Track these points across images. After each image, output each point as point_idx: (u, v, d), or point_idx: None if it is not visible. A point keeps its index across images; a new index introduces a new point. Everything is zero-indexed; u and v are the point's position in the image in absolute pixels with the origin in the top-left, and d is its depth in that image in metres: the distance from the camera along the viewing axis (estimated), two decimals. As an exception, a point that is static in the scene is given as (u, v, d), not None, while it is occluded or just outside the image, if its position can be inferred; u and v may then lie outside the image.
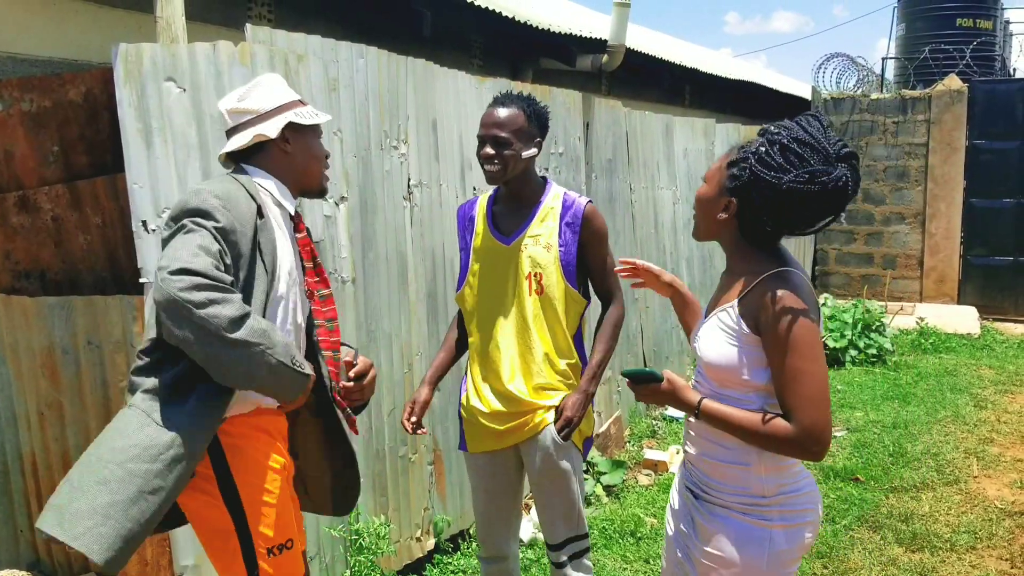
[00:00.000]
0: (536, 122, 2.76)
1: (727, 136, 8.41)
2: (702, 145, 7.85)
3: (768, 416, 1.96)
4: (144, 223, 2.83)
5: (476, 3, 5.97)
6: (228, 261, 2.03)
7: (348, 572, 3.52)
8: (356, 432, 2.50)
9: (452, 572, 4.00)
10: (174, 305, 1.89)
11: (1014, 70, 14.52)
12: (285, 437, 2.36)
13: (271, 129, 2.23)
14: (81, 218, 3.08)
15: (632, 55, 8.27)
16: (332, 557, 3.51)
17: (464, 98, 4.31)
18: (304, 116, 2.27)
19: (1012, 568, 4.08)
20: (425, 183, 4.03)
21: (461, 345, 3.03)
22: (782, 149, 1.93)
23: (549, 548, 2.93)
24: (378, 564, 3.60)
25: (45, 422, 3.18)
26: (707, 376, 2.12)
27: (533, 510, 4.46)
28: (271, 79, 2.33)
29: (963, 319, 9.97)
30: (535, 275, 2.78)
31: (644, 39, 11.12)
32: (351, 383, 2.45)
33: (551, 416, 2.79)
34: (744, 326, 2.00)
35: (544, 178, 2.91)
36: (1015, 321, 10.39)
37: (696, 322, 2.35)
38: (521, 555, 4.16)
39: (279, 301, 2.24)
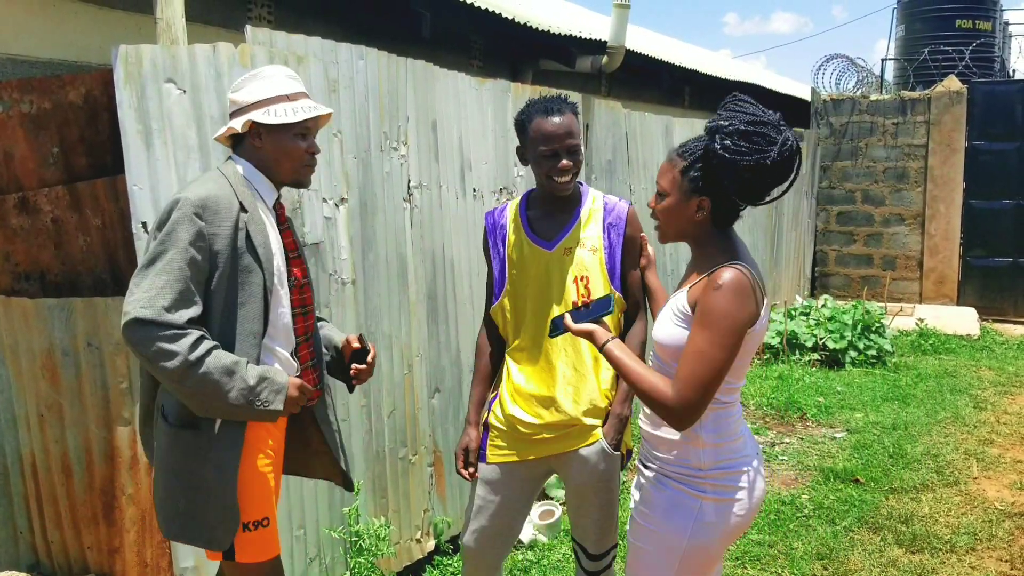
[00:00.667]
0: (580, 124, 2.74)
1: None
2: (702, 146, 7.85)
3: (656, 376, 2.11)
4: (144, 224, 2.83)
5: (476, 4, 5.97)
6: (204, 266, 2.18)
7: (348, 573, 3.52)
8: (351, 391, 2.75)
9: (452, 574, 4.00)
10: (132, 350, 2.13)
11: (1013, 71, 14.54)
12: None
13: (238, 124, 2.33)
14: (81, 220, 3.08)
15: (632, 56, 8.28)
16: (332, 558, 3.51)
17: (464, 99, 4.31)
18: (274, 115, 2.32)
19: (1012, 569, 4.08)
20: (425, 184, 4.03)
21: (494, 369, 2.91)
22: (743, 135, 2.06)
23: (588, 557, 2.86)
24: (378, 565, 3.60)
25: (45, 424, 3.18)
26: (656, 353, 2.28)
27: (534, 510, 4.46)
28: (268, 72, 2.38)
29: (963, 320, 9.97)
30: (582, 279, 2.70)
31: (644, 40, 11.14)
32: (364, 366, 2.62)
33: (600, 431, 2.74)
34: (689, 310, 2.15)
35: (579, 182, 2.83)
36: (1014, 322, 10.40)
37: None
38: (521, 556, 4.16)
39: (275, 292, 2.33)
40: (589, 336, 2.23)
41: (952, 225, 10.75)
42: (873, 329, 8.49)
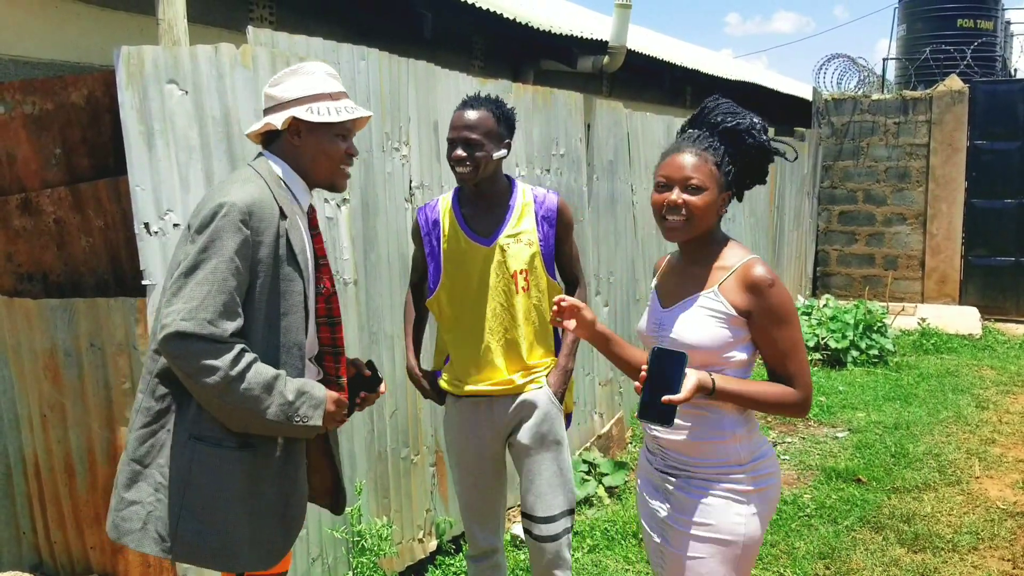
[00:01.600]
0: (505, 123, 2.82)
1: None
2: (703, 146, 7.84)
3: (772, 385, 2.17)
4: (146, 225, 2.83)
5: (477, 5, 5.97)
6: (246, 276, 2.09)
7: (350, 573, 3.52)
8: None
9: (454, 573, 4.01)
10: (171, 364, 2.04)
11: (1015, 71, 14.52)
12: None
13: (278, 120, 2.23)
14: (83, 220, 3.08)
15: (633, 56, 8.28)
16: (335, 558, 3.52)
17: (465, 100, 4.31)
18: (317, 112, 2.24)
19: (1014, 569, 4.07)
20: (427, 185, 4.03)
21: (419, 325, 3.17)
22: (764, 129, 2.26)
23: (538, 521, 2.91)
24: (380, 565, 3.60)
25: (47, 424, 3.18)
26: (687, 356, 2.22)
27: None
28: (309, 68, 2.30)
29: (964, 320, 9.97)
30: (521, 272, 2.84)
31: (645, 40, 11.14)
32: (374, 394, 2.52)
33: (544, 379, 2.94)
34: (732, 309, 2.15)
35: (509, 177, 2.97)
36: (1016, 322, 10.39)
37: (623, 350, 2.41)
38: (524, 556, 4.16)
39: (311, 299, 2.28)
40: (698, 391, 2.07)
41: (954, 224, 10.74)
42: (875, 329, 8.49)
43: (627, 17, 7.73)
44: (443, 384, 3.01)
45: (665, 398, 2.03)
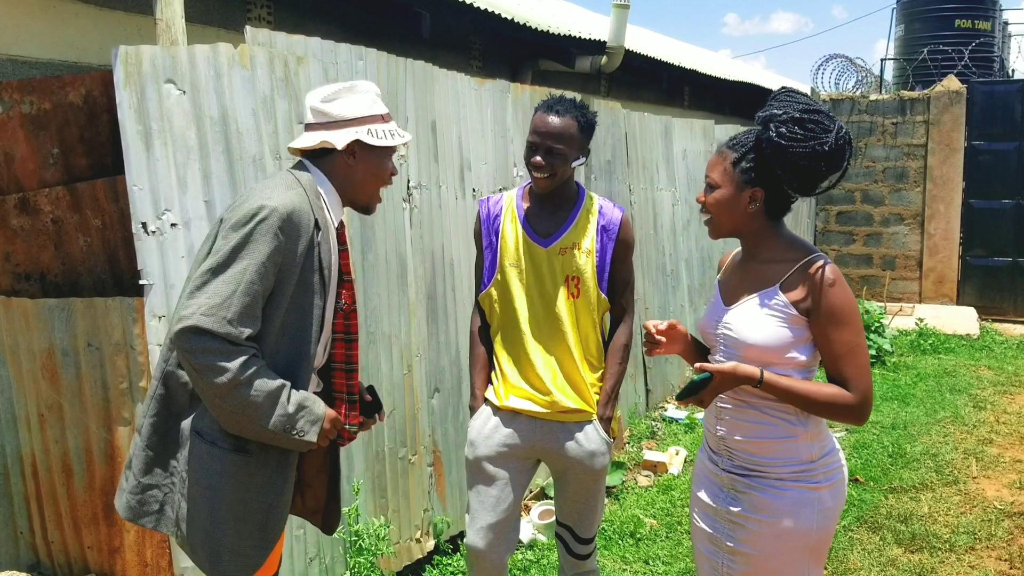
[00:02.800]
0: (587, 131, 2.75)
1: (726, 137, 8.41)
2: (701, 146, 7.86)
3: (827, 386, 2.13)
4: (144, 225, 2.83)
5: (475, 5, 5.97)
6: (271, 282, 2.08)
7: (348, 573, 3.52)
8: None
9: (452, 573, 4.01)
10: (181, 356, 2.04)
11: (1013, 71, 14.55)
12: None
13: (339, 140, 2.20)
14: (81, 220, 3.08)
15: (631, 56, 8.28)
16: (332, 558, 3.52)
17: (463, 100, 4.31)
18: (377, 135, 2.24)
19: (1011, 568, 4.08)
20: (424, 185, 4.03)
21: (489, 352, 2.97)
22: (798, 123, 2.09)
23: (578, 541, 2.92)
24: (378, 565, 3.60)
25: (45, 424, 3.18)
26: (744, 357, 2.21)
27: (533, 510, 4.46)
28: (364, 87, 2.28)
29: (962, 320, 9.98)
30: (573, 279, 2.78)
31: (643, 40, 11.14)
32: (372, 420, 2.50)
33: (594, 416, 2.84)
34: (792, 308, 2.14)
35: (578, 184, 2.89)
36: (1014, 322, 10.40)
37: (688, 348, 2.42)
38: (521, 556, 4.16)
39: (329, 313, 2.27)
40: (737, 375, 2.14)
41: (951, 225, 10.75)
42: (872, 329, 8.50)
43: (625, 17, 7.73)
44: (488, 397, 2.90)
45: (697, 364, 2.16)
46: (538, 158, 2.68)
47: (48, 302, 3.07)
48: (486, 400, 2.90)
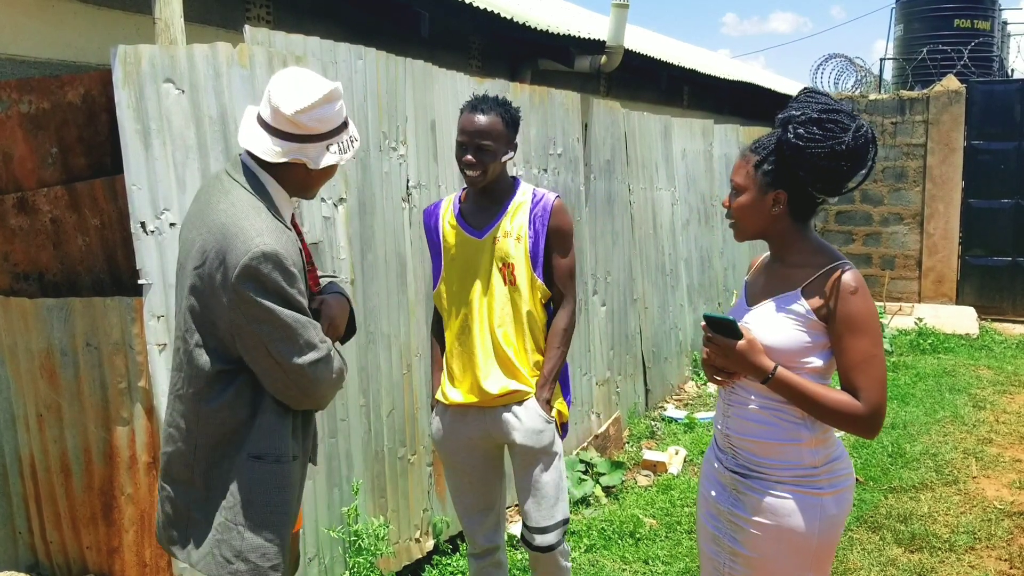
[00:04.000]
0: (512, 125, 2.85)
1: (725, 137, 8.41)
2: (700, 146, 7.86)
3: (839, 392, 2.11)
4: (143, 224, 2.83)
5: (475, 4, 5.97)
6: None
7: (347, 573, 3.52)
8: None
9: (451, 573, 4.00)
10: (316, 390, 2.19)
11: (1012, 71, 14.53)
12: None
13: (313, 159, 2.15)
14: (80, 220, 3.07)
15: (630, 56, 8.27)
16: (331, 558, 3.51)
17: (462, 99, 4.28)
18: (343, 148, 2.21)
19: (1011, 568, 4.08)
20: (424, 184, 4.03)
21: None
22: (817, 123, 2.08)
23: (534, 531, 2.94)
24: (377, 565, 3.60)
25: (44, 424, 3.18)
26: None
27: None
28: (335, 96, 2.17)
29: (961, 319, 9.97)
30: (508, 266, 2.87)
31: (642, 40, 11.14)
32: None
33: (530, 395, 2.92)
34: (811, 313, 2.13)
35: (514, 178, 3.00)
36: (1013, 321, 10.40)
37: None
38: (521, 556, 4.16)
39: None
40: (755, 350, 2.14)
41: (951, 224, 10.75)
42: (872, 328, 8.48)
43: (624, 17, 7.72)
44: (436, 396, 3.02)
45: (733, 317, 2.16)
46: (468, 156, 2.79)
47: (47, 302, 3.07)
48: (436, 399, 3.02)
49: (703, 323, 2.22)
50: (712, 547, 2.34)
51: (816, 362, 2.14)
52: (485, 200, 2.92)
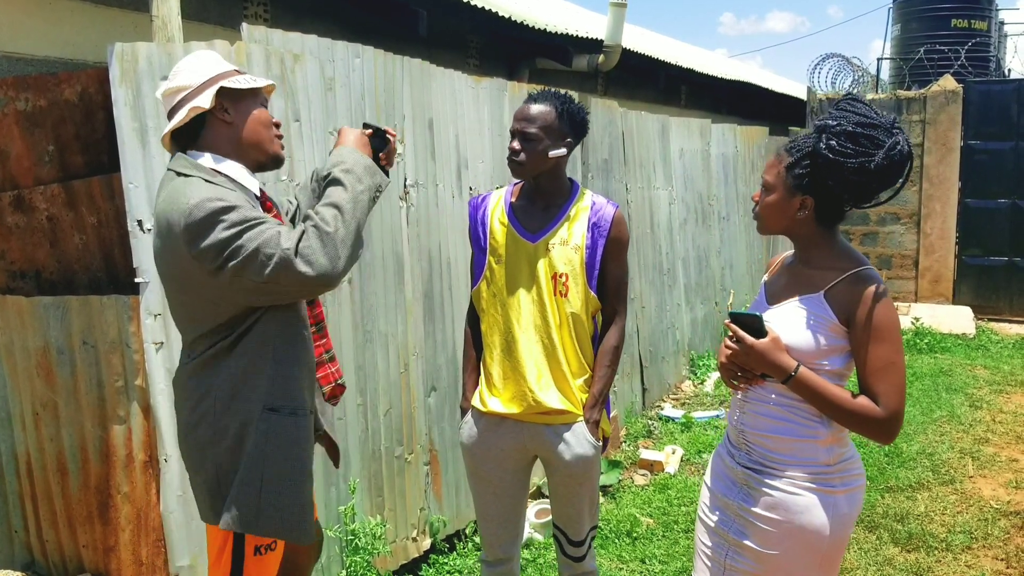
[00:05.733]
0: (568, 121, 2.72)
1: (723, 136, 8.42)
2: (698, 145, 7.86)
3: (859, 396, 2.11)
4: (140, 222, 2.82)
5: (473, 3, 5.97)
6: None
7: (344, 572, 3.52)
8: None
9: (448, 572, 4.00)
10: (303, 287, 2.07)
11: (1009, 71, 14.55)
12: None
13: (204, 100, 2.12)
14: (77, 218, 3.07)
15: (628, 55, 8.28)
16: (328, 557, 3.51)
17: (460, 98, 4.30)
18: (239, 82, 2.17)
19: (1008, 568, 4.08)
20: (421, 183, 4.03)
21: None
22: (850, 137, 2.07)
23: (570, 543, 2.90)
24: (374, 564, 3.60)
25: (40, 422, 3.17)
26: None
27: (530, 509, 4.46)
28: (199, 55, 2.21)
29: (958, 319, 9.99)
30: (561, 277, 2.72)
31: (640, 39, 11.14)
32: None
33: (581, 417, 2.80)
34: (834, 316, 2.13)
35: (572, 180, 2.86)
36: (1010, 321, 10.41)
37: None
38: (527, 555, 4.15)
39: None
40: (778, 348, 2.15)
41: (947, 224, 10.76)
42: (869, 328, 8.49)
43: (622, 16, 7.73)
44: (473, 402, 2.88)
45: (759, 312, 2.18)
46: (513, 144, 2.70)
47: (43, 300, 3.06)
48: (472, 405, 2.88)
49: (728, 321, 2.23)
50: (714, 538, 2.34)
51: (834, 365, 2.15)
52: (540, 200, 2.79)
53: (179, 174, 2.12)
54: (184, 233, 2.00)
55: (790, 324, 2.18)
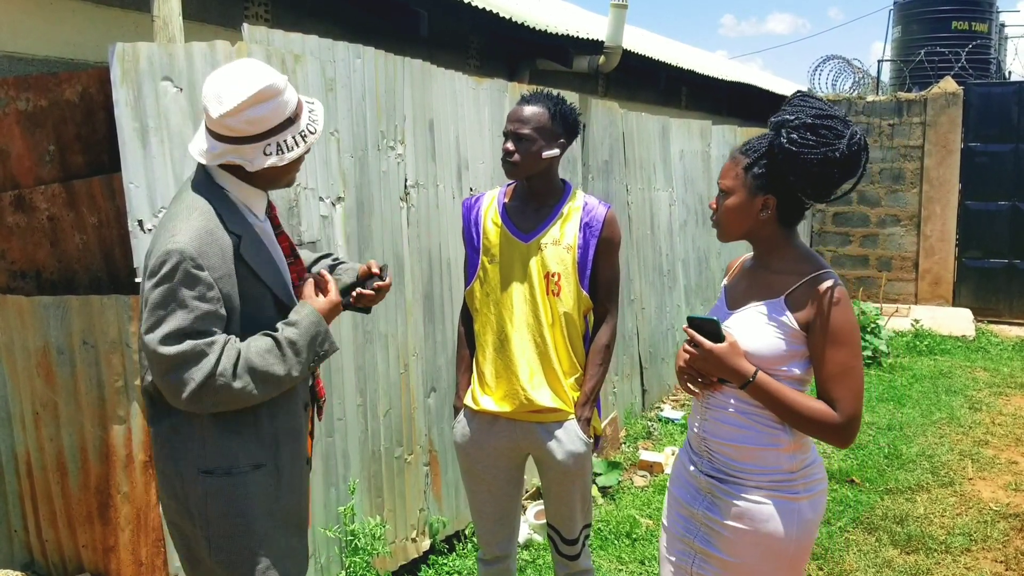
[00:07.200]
0: (561, 122, 2.74)
1: (723, 137, 8.42)
2: (698, 147, 7.86)
3: (816, 401, 2.11)
4: (140, 223, 2.82)
5: (473, 4, 5.97)
6: (221, 310, 2.02)
7: (343, 573, 3.52)
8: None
9: (447, 573, 4.00)
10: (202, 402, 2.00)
11: (1009, 73, 14.57)
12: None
13: (249, 161, 2.06)
14: (77, 218, 3.07)
15: (629, 56, 8.29)
16: (327, 558, 3.51)
17: (461, 99, 4.30)
18: (285, 148, 2.08)
19: (1007, 570, 4.08)
20: (422, 184, 4.03)
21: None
22: (811, 129, 2.05)
23: (564, 542, 2.92)
24: (373, 565, 3.60)
25: (40, 422, 3.17)
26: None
27: (529, 510, 4.46)
28: (267, 95, 2.04)
29: (958, 321, 9.99)
30: (553, 276, 2.75)
31: (641, 41, 11.14)
32: (368, 292, 2.41)
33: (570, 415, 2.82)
34: (793, 321, 2.12)
35: (565, 181, 2.88)
36: (1009, 323, 10.42)
37: None
38: (517, 556, 4.16)
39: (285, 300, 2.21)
40: (734, 353, 2.13)
41: (948, 226, 10.76)
42: (869, 330, 8.51)
43: (623, 17, 7.73)
44: (466, 401, 2.90)
45: (716, 318, 2.16)
46: (507, 144, 2.72)
47: (43, 300, 3.06)
48: (465, 404, 2.90)
49: (685, 326, 2.20)
50: (679, 546, 2.33)
51: (794, 370, 2.14)
52: (533, 201, 2.82)
53: (194, 193, 2.07)
54: (152, 266, 1.97)
55: (750, 329, 2.17)
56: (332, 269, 2.52)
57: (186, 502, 2.10)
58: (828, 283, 2.10)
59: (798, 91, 2.22)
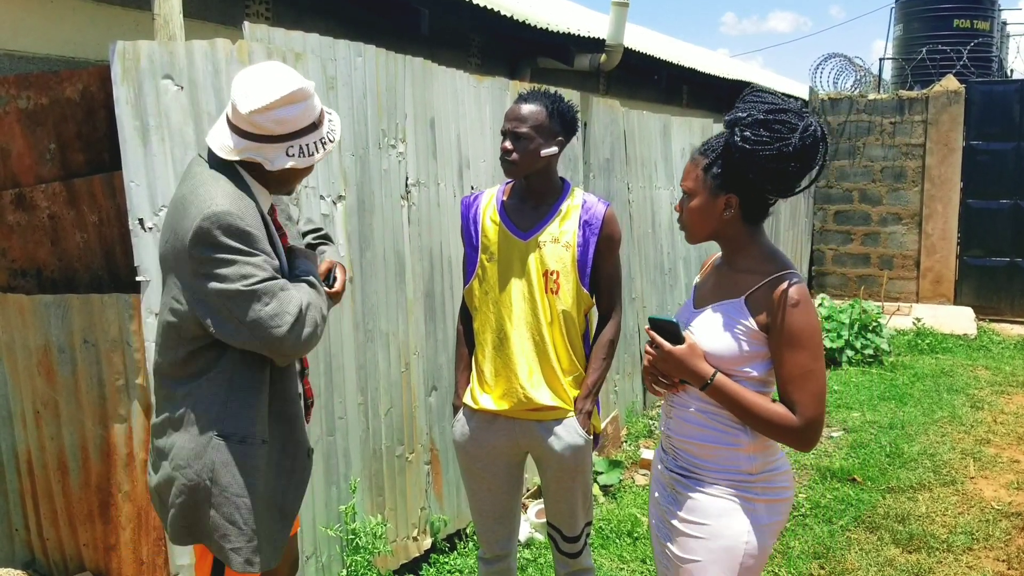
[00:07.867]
0: (559, 120, 2.74)
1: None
2: (699, 145, 7.84)
3: (775, 403, 2.09)
4: (141, 221, 2.82)
5: (474, 2, 5.96)
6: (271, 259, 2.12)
7: (344, 572, 3.51)
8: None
9: (448, 572, 4.00)
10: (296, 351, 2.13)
11: (1011, 71, 14.54)
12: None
13: (270, 161, 2.11)
14: (78, 216, 3.06)
15: (630, 55, 8.27)
16: (328, 556, 3.51)
17: (462, 97, 4.30)
18: (306, 152, 2.14)
19: (1009, 569, 4.08)
20: (423, 182, 4.02)
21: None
22: (763, 124, 2.03)
23: (565, 540, 2.92)
24: (375, 564, 3.59)
25: (41, 421, 3.17)
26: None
27: (530, 508, 4.45)
28: (298, 97, 2.09)
29: (959, 320, 9.98)
30: (552, 274, 2.75)
31: (642, 39, 11.13)
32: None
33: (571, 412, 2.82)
34: (753, 322, 2.09)
35: (563, 179, 2.88)
36: (1011, 322, 10.41)
37: None
38: (519, 554, 4.15)
39: None
40: (694, 355, 2.14)
41: (949, 225, 10.75)
42: (870, 328, 8.50)
43: (624, 15, 7.72)
44: (465, 400, 2.90)
45: (678, 319, 2.16)
46: (506, 143, 2.72)
47: (44, 298, 3.06)
48: (464, 403, 2.90)
49: (647, 327, 2.20)
50: (658, 546, 2.34)
51: (754, 372, 2.13)
52: (532, 199, 2.82)
53: (210, 167, 2.13)
54: (195, 233, 2.01)
55: (711, 330, 2.16)
56: (314, 247, 2.57)
57: (195, 466, 2.13)
58: (789, 284, 2.07)
59: (750, 87, 2.21)
